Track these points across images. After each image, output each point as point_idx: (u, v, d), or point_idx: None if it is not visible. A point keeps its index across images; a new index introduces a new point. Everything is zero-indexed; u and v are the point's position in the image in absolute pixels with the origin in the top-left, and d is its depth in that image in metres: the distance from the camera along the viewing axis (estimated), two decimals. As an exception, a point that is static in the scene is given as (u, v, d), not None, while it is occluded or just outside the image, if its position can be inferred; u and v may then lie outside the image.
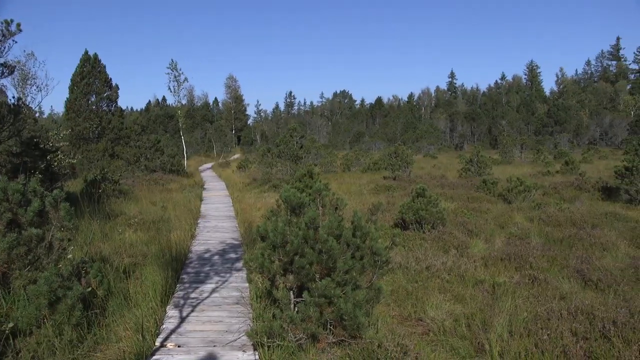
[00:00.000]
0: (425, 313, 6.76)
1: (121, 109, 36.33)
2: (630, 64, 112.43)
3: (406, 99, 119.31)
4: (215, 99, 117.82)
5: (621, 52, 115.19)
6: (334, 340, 5.54)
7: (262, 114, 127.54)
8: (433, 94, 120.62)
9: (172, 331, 6.14)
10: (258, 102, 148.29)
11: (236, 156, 66.28)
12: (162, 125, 77.29)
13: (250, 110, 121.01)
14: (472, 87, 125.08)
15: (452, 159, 45.82)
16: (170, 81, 39.31)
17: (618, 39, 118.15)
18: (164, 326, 6.29)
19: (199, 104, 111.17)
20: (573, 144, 67.13)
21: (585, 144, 69.15)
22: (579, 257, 9.40)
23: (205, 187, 25.35)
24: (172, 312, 6.82)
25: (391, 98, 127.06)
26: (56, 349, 5.32)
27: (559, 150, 46.25)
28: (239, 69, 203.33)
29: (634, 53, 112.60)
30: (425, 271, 8.51)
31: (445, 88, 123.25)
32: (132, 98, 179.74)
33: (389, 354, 5.24)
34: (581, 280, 8.29)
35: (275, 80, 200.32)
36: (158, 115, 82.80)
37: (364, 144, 65.67)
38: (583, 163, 36.41)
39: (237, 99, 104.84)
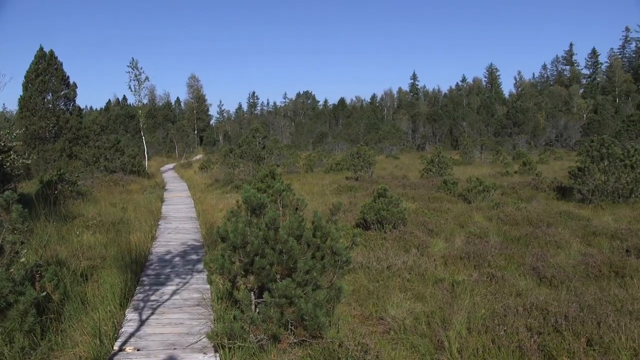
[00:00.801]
0: (386, 312, 6.82)
1: (79, 107, 35.36)
2: (582, 69, 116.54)
3: (369, 100, 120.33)
4: (178, 98, 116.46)
5: (574, 57, 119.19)
6: (295, 340, 5.55)
7: (224, 114, 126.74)
8: (395, 95, 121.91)
9: (132, 334, 6.04)
10: (221, 102, 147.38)
11: (198, 157, 65.55)
12: (123, 125, 75.79)
13: (213, 111, 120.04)
14: (433, 89, 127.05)
15: (414, 160, 46.39)
16: (130, 80, 38.71)
17: (571, 45, 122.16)
18: (123, 330, 6.18)
19: (161, 104, 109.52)
20: (530, 145, 68.83)
21: (542, 145, 71.02)
22: (535, 254, 9.65)
23: (166, 188, 25.01)
24: (131, 315, 6.71)
25: (354, 99, 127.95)
26: (5, 357, 5.16)
27: (517, 151, 47.33)
28: (201, 68, 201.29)
29: (585, 59, 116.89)
30: (386, 270, 8.59)
31: (408, 89, 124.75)
32: (91, 97, 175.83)
33: (350, 353, 5.28)
34: (536, 277, 8.52)
35: (238, 80, 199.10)
36: (118, 114, 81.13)
37: (327, 145, 65.87)
38: (540, 164, 37.40)
39: (199, 99, 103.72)
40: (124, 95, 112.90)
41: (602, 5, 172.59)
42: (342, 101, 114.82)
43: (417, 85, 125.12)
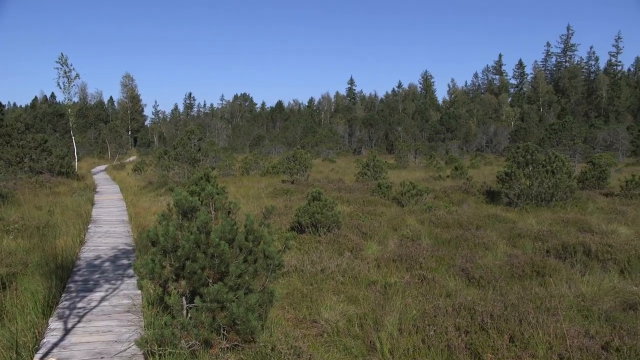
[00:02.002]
0: (319, 315, 6.87)
1: (0, 103, 33.52)
2: (510, 79, 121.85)
3: (307, 104, 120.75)
4: (111, 97, 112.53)
5: (503, 67, 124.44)
6: (227, 345, 5.50)
7: (160, 115, 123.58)
8: (333, 100, 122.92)
9: (55, 345, 5.78)
10: (156, 102, 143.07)
11: (132, 158, 63.73)
12: (51, 124, 72.38)
13: (148, 111, 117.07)
14: (370, 94, 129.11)
15: (350, 163, 46.93)
16: (59, 77, 36.97)
17: (500, 56, 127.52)
18: (45, 340, 5.90)
19: (93, 103, 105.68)
20: (462, 151, 71.10)
21: (473, 151, 73.59)
22: (464, 256, 9.98)
23: (97, 190, 24.17)
24: (55, 324, 6.42)
25: (292, 102, 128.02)
26: None
27: (450, 156, 48.78)
28: (136, 67, 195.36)
29: (513, 69, 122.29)
30: (320, 273, 8.65)
31: (345, 94, 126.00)
32: (14, 93, 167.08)
33: (282, 357, 5.28)
34: (465, 278, 8.83)
35: (175, 81, 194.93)
36: (46, 112, 77.39)
37: (264, 148, 65.59)
38: (471, 168, 38.78)
39: (133, 99, 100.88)
40: (52, 93, 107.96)
41: (529, 20, 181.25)
42: (279, 104, 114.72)
43: (354, 90, 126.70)
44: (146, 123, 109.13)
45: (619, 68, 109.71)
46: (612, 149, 58.71)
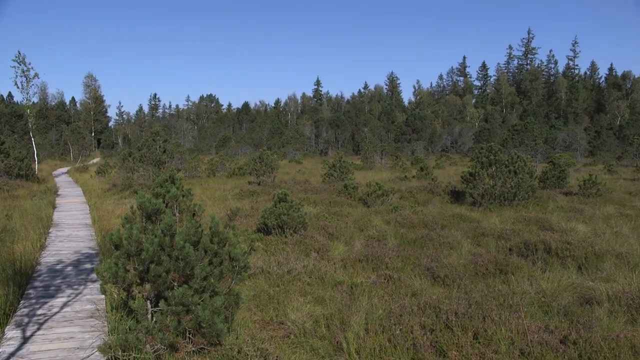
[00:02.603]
0: (286, 316, 6.87)
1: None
2: (474, 81, 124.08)
3: (273, 105, 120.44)
4: (73, 98, 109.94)
5: (467, 69, 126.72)
6: (193, 348, 5.45)
7: (124, 116, 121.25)
8: (299, 101, 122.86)
9: (12, 354, 5.60)
10: (120, 103, 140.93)
11: (95, 160, 62.44)
12: (9, 125, 70.26)
13: (112, 112, 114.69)
14: (336, 95, 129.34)
15: (317, 164, 47.00)
16: (17, 76, 35.93)
17: (464, 58, 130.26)
18: (0, 350, 5.73)
19: (54, 103, 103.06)
20: (428, 151, 71.99)
21: (438, 151, 74.55)
22: (430, 256, 10.11)
23: (59, 193, 23.59)
24: (12, 332, 6.23)
25: (258, 103, 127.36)
26: None
27: (416, 157, 49.32)
28: (99, 68, 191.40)
29: (477, 71, 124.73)
30: (287, 275, 8.65)
31: (311, 95, 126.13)
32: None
33: (249, 359, 5.27)
34: (431, 277, 8.95)
35: (140, 81, 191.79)
36: (3, 113, 75.17)
37: (230, 149, 65.07)
38: (436, 169, 39.29)
39: (97, 100, 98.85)
40: (10, 92, 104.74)
41: (492, 23, 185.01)
42: (246, 105, 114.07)
43: (321, 91, 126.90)
44: (110, 124, 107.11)
45: (577, 71, 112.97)
46: (571, 149, 60.38)
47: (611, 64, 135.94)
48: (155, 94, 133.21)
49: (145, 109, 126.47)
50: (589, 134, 68.51)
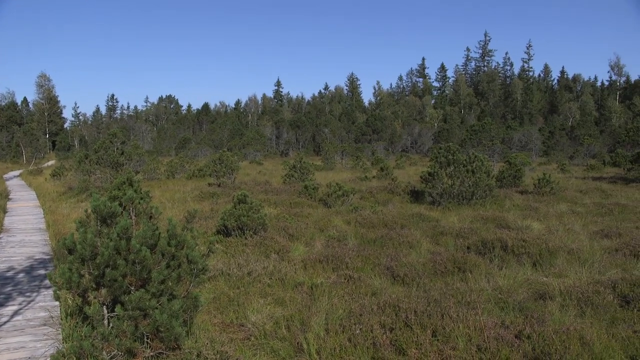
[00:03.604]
0: (246, 318, 6.82)
1: None
2: (433, 82, 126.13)
3: (233, 106, 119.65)
4: (25, 98, 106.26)
5: (426, 71, 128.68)
6: (151, 353, 5.35)
7: (81, 117, 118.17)
8: (260, 101, 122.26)
9: (-46, 369, 5.38)
10: (76, 104, 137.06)
11: (50, 163, 60.75)
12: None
13: (68, 113, 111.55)
14: (297, 96, 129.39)
15: (277, 165, 46.91)
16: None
17: (423, 59, 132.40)
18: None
19: (4, 104, 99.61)
20: (388, 152, 72.71)
21: (398, 152, 75.42)
22: (389, 255, 10.20)
23: (10, 197, 22.83)
24: (-44, 345, 5.97)
25: (218, 104, 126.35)
26: None
27: (376, 157, 49.72)
28: (53, 67, 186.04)
29: (436, 73, 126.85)
30: (247, 276, 8.59)
31: (272, 96, 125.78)
32: None
33: (209, 363, 5.22)
34: (390, 276, 9.03)
35: (96, 82, 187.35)
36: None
37: (190, 150, 64.23)
38: (396, 169, 39.77)
39: (51, 100, 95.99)
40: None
41: (450, 26, 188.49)
42: (206, 106, 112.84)
43: (282, 91, 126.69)
44: (65, 126, 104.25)
45: (531, 73, 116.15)
46: (526, 149, 62.08)
47: (562, 67, 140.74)
48: (112, 95, 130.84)
49: (103, 110, 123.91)
50: (543, 134, 70.62)
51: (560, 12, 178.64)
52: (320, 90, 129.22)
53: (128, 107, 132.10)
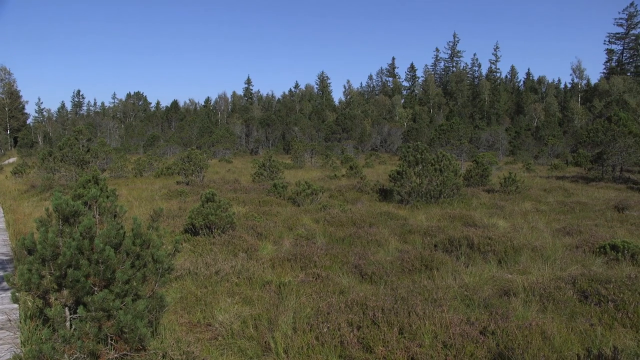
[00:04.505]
0: (214, 318, 6.77)
1: None
2: (403, 82, 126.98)
3: (203, 103, 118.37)
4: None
5: (396, 70, 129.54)
6: (115, 355, 5.25)
7: (45, 113, 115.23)
8: (230, 99, 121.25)
9: None
10: (39, 100, 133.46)
11: (12, 160, 59.16)
12: None
13: (31, 109, 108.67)
14: (267, 94, 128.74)
15: (247, 164, 46.67)
16: None
17: (393, 59, 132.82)
18: None
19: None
20: (358, 150, 72.95)
21: (368, 150, 75.73)
22: (357, 253, 10.24)
23: (-32, 196, 22.19)
24: None
25: (188, 101, 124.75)
26: None
27: (345, 156, 49.86)
28: (15, 61, 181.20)
29: (405, 72, 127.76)
30: (214, 276, 8.53)
31: (242, 94, 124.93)
32: None
33: (174, 363, 5.16)
34: (358, 274, 9.07)
35: (61, 77, 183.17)
36: None
37: (158, 148, 63.34)
38: (366, 167, 39.95)
39: (12, 95, 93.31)
40: None
41: (420, 25, 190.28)
42: (175, 103, 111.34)
43: (252, 89, 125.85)
44: (28, 122, 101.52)
45: (498, 75, 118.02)
46: (493, 148, 63.14)
47: (528, 69, 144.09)
48: (78, 91, 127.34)
49: (68, 106, 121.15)
50: (510, 134, 71.93)
51: (526, 15, 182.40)
52: (290, 89, 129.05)
53: (95, 103, 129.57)
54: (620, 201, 18.56)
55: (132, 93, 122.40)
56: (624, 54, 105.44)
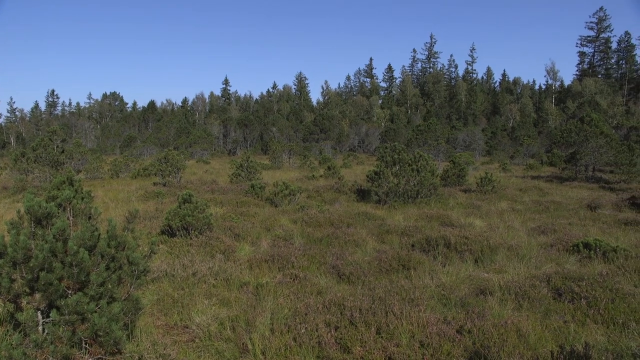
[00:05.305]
0: (191, 320, 6.72)
1: None
2: (380, 82, 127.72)
3: (180, 104, 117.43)
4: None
5: (374, 71, 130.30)
6: (90, 359, 5.18)
7: (17, 113, 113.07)
8: (207, 100, 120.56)
9: None
10: (12, 99, 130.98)
11: (-18, 161, 57.79)
12: None
13: (2, 108, 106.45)
14: (245, 94, 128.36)
15: (225, 164, 46.42)
16: None
17: (371, 60, 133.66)
18: None
19: None
20: (336, 151, 73.08)
21: (346, 151, 75.89)
22: (335, 254, 10.24)
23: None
24: None
25: (165, 102, 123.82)
26: None
27: (323, 156, 49.84)
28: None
29: (383, 73, 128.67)
30: (192, 277, 8.45)
31: (220, 94, 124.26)
32: None
33: (150, 366, 5.10)
34: (336, 274, 9.06)
35: (35, 77, 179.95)
36: None
37: (135, 149, 62.62)
38: (343, 168, 40.01)
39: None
40: None
41: (397, 27, 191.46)
42: (152, 104, 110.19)
43: (229, 90, 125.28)
44: (0, 121, 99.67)
45: (474, 76, 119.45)
46: (470, 148, 63.78)
47: (504, 70, 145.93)
48: (53, 91, 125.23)
49: (42, 105, 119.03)
50: (486, 135, 72.79)
51: (502, 17, 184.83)
52: (268, 89, 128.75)
53: (70, 103, 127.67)
54: (593, 200, 18.93)
55: (108, 93, 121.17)
56: (595, 57, 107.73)
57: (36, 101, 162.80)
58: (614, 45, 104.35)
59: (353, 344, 5.66)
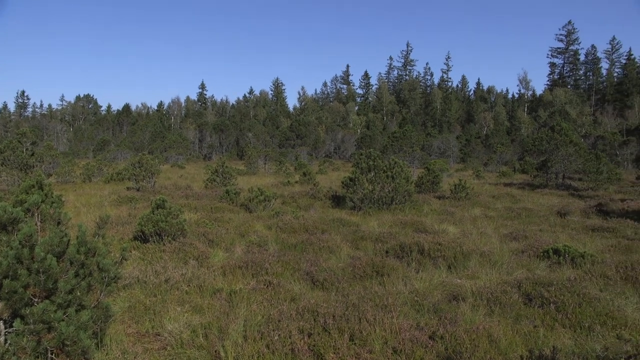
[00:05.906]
0: (163, 327, 6.63)
1: None
2: (357, 89, 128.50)
3: (156, 108, 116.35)
4: None
5: (350, 78, 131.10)
6: (57, 369, 5.06)
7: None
8: (183, 104, 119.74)
9: None
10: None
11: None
12: None
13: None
14: (221, 99, 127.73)
15: (200, 169, 46.09)
16: None
17: (348, 66, 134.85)
18: None
19: None
20: (312, 157, 73.13)
21: (322, 157, 76.01)
22: (309, 260, 10.20)
23: None
24: None
25: (140, 105, 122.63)
26: None
27: (299, 162, 49.86)
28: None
29: (359, 80, 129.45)
30: (164, 284, 8.34)
31: (196, 99, 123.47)
32: None
33: (120, 375, 5.01)
34: (310, 281, 9.03)
35: (3, 77, 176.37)
36: None
37: (109, 153, 61.75)
38: (319, 174, 40.06)
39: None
40: None
41: (374, 34, 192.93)
42: (127, 107, 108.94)
43: (206, 94, 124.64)
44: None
45: (450, 84, 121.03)
46: (444, 155, 64.51)
47: (478, 79, 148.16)
48: (23, 91, 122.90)
49: (11, 107, 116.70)
50: (461, 142, 73.74)
51: (477, 26, 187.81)
52: (245, 94, 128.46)
53: (41, 105, 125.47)
54: (563, 207, 19.29)
55: (81, 95, 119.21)
56: (565, 68, 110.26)
57: (5, 102, 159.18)
58: (582, 58, 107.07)
59: (326, 350, 5.65)
